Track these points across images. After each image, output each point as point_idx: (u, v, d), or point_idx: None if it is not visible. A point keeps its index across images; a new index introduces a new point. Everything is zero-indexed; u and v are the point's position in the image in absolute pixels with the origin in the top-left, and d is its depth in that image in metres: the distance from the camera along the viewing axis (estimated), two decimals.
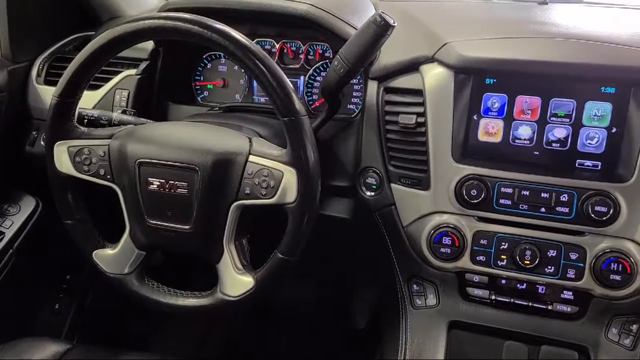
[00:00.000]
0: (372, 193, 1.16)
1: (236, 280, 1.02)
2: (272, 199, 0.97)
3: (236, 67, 1.40)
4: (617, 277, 0.98)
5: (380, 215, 1.17)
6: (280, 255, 0.99)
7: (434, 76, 1.07)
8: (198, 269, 1.31)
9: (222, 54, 1.40)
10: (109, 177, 1.03)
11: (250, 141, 1.01)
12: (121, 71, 1.35)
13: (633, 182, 0.97)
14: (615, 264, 0.98)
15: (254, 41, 1.35)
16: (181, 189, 1.00)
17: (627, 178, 0.97)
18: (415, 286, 1.17)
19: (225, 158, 0.98)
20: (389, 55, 1.15)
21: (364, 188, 1.17)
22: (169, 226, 1.02)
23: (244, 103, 1.39)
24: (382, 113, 1.13)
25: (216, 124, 1.09)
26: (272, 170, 0.97)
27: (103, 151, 1.03)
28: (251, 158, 0.99)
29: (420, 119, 1.08)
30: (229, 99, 1.41)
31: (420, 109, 1.08)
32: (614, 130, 0.99)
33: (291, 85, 0.94)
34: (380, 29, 0.99)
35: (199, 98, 1.44)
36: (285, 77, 0.93)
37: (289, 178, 0.96)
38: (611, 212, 0.97)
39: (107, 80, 1.34)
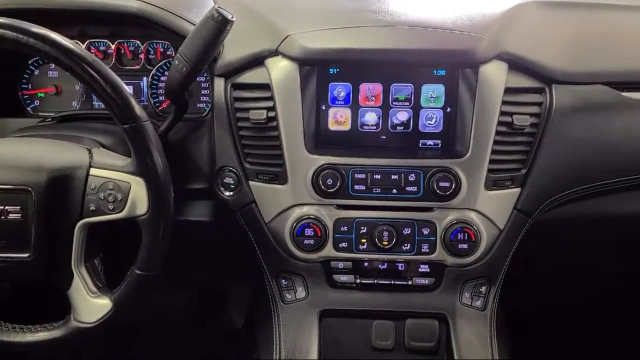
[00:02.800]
0: (231, 193, 1.14)
1: (91, 305, 0.94)
2: (121, 213, 0.90)
3: None
4: (464, 246, 1.07)
5: (241, 214, 1.14)
6: (138, 272, 0.93)
7: (279, 69, 1.07)
8: (50, 298, 1.20)
9: None
10: None
11: (90, 153, 0.93)
12: None
13: (469, 156, 1.05)
14: (462, 234, 1.06)
15: (86, 43, 1.24)
16: (13, 214, 0.89)
17: (464, 153, 1.05)
18: (284, 281, 1.17)
19: (61, 174, 0.90)
20: (232, 50, 1.12)
21: (222, 188, 1.14)
22: (5, 257, 0.91)
23: (82, 111, 1.27)
24: (232, 110, 1.10)
25: (50, 137, 0.99)
26: (118, 182, 0.90)
27: None
28: (93, 171, 0.91)
29: (271, 114, 1.07)
30: (65, 107, 1.29)
31: (269, 104, 1.07)
32: (448, 109, 1.06)
33: (127, 89, 0.87)
34: (219, 24, 0.96)
35: (29, 109, 1.29)
36: (119, 80, 0.87)
37: (138, 189, 0.90)
38: (453, 186, 1.05)
39: None
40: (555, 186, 1.10)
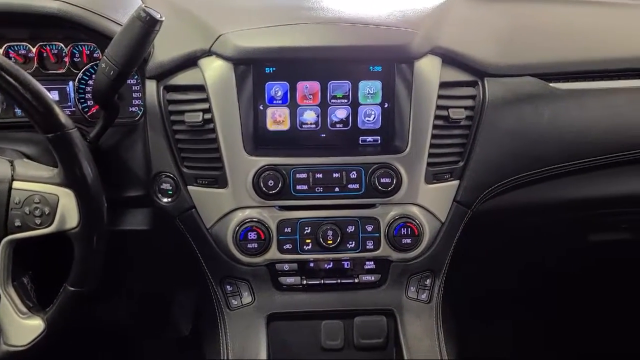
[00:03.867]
0: (169, 199, 1.10)
1: (22, 327, 0.89)
2: (49, 227, 0.85)
3: None
4: (408, 240, 1.08)
5: (181, 220, 1.11)
6: (71, 288, 0.89)
7: (213, 70, 1.04)
8: None
9: None
10: None
11: (12, 165, 0.88)
12: None
13: (408, 151, 1.05)
14: (405, 229, 1.07)
15: (4, 47, 1.16)
16: None
17: (403, 149, 1.06)
18: (228, 287, 1.14)
19: None
20: (163, 51, 1.07)
21: (159, 195, 1.10)
22: None
23: (3, 119, 1.19)
24: (166, 113, 1.06)
25: None
26: (45, 194, 0.85)
27: None
28: (16, 184, 0.85)
29: (207, 116, 1.04)
30: None
31: (205, 105, 1.04)
32: (386, 105, 1.07)
33: (50, 96, 0.82)
34: (147, 25, 0.92)
35: None
36: (40, 86, 0.82)
37: (67, 201, 0.85)
38: (394, 181, 1.05)
39: None
40: (492, 177, 1.12)
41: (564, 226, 1.44)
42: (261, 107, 1.06)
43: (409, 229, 1.07)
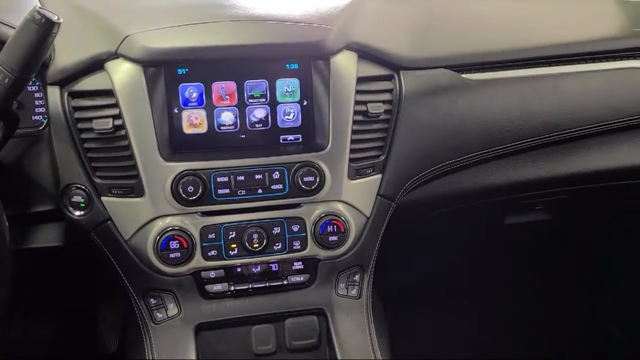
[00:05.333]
0: (82, 212, 1.03)
1: None
2: None
3: None
4: (335, 238, 1.07)
5: (96, 234, 1.05)
6: None
7: (122, 73, 0.98)
8: None
9: None
10: None
11: None
12: None
13: (329, 149, 1.05)
14: (331, 226, 1.07)
15: None
16: None
17: (324, 146, 1.05)
18: (152, 300, 1.09)
19: None
20: (66, 55, 1.00)
21: (70, 208, 1.03)
22: None
23: None
24: (73, 121, 1.00)
25: None
26: None
27: None
28: None
29: (118, 122, 0.98)
30: None
31: (115, 111, 0.99)
32: (305, 103, 1.05)
33: None
34: (43, 27, 0.85)
35: None
36: None
37: None
38: (318, 179, 1.04)
39: None
40: (412, 169, 1.14)
41: (484, 211, 1.49)
42: (176, 110, 1.02)
43: (335, 226, 1.07)
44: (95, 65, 1.00)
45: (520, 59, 1.20)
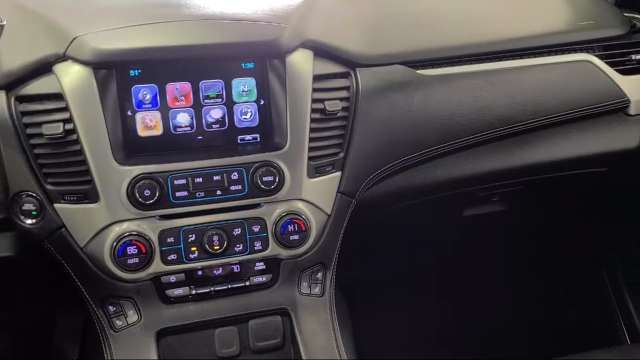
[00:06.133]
0: (33, 220, 1.00)
1: None
2: None
3: None
4: (296, 237, 1.07)
5: (50, 242, 1.01)
6: None
7: (71, 76, 0.95)
8: None
9: None
10: None
11: None
12: None
13: (288, 147, 1.04)
14: (292, 225, 1.06)
15: None
16: None
17: (283, 145, 1.04)
18: (111, 307, 1.07)
19: None
20: (11, 58, 0.97)
21: (21, 217, 1.00)
22: None
23: None
24: (21, 127, 0.96)
25: None
26: None
27: None
28: None
29: (69, 126, 0.96)
30: None
31: (65, 115, 0.96)
32: (262, 102, 1.05)
33: None
34: None
35: None
36: None
37: None
38: (277, 179, 1.04)
39: None
40: (371, 165, 1.15)
41: (443, 204, 1.52)
42: (129, 113, 0.99)
43: (296, 225, 1.06)
44: (43, 68, 0.97)
45: (473, 54, 1.22)
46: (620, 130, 1.34)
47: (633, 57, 1.30)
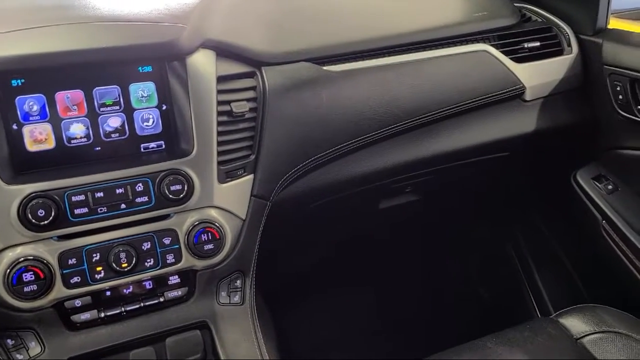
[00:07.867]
0: None
1: None
2: None
3: None
4: (211, 246, 1.02)
5: None
6: None
7: None
8: None
9: None
10: None
11: None
12: None
13: (195, 153, 0.99)
14: (205, 234, 1.01)
15: None
16: None
17: (190, 151, 0.99)
18: (9, 340, 0.96)
19: None
20: None
21: None
22: None
23: None
24: None
25: None
26: None
27: None
28: None
29: None
30: None
31: None
32: (164, 107, 0.99)
33: None
34: None
35: None
36: None
37: None
38: (186, 187, 0.98)
39: None
40: (284, 165, 1.12)
41: (359, 198, 1.53)
42: (15, 127, 0.90)
43: (210, 234, 1.01)
44: None
45: (377, 48, 1.23)
46: (517, 116, 1.40)
47: (525, 45, 1.37)
